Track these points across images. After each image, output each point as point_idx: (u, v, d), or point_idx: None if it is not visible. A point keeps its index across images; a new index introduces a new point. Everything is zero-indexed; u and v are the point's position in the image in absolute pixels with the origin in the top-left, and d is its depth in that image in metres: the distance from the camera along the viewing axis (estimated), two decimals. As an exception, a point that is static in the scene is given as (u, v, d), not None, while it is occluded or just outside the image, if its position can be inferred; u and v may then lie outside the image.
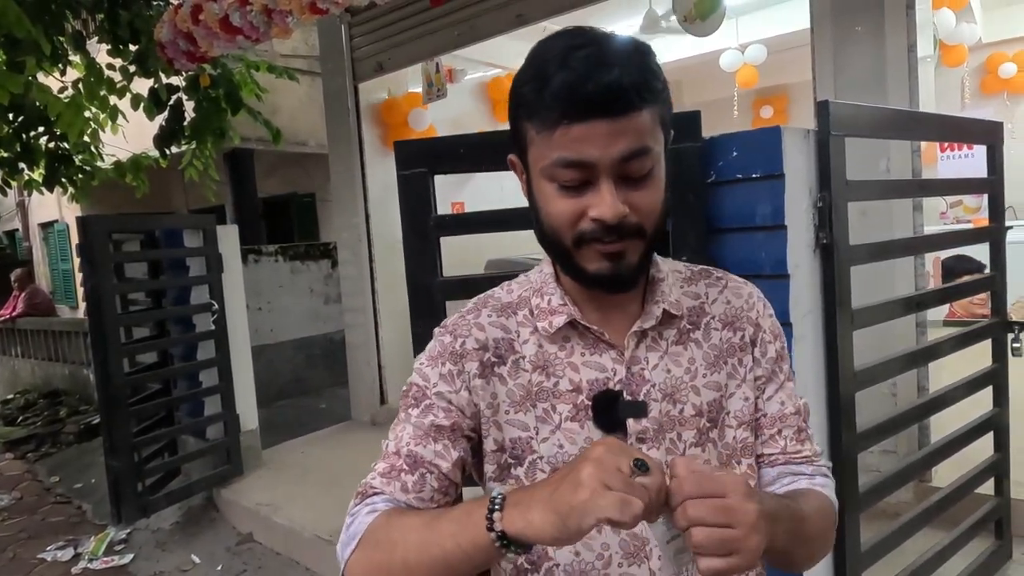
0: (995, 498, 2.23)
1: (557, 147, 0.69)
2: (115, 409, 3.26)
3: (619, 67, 0.67)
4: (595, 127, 0.67)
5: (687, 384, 0.80)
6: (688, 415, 0.79)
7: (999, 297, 2.14)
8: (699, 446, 0.79)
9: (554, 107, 0.68)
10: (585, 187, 0.70)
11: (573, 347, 0.80)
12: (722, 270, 0.90)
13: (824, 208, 1.52)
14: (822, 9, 2.66)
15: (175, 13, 3.69)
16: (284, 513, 3.28)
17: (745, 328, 0.84)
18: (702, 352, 0.82)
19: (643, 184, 0.71)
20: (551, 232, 0.74)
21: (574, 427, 0.77)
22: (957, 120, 2.17)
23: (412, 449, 0.78)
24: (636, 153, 0.69)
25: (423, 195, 1.55)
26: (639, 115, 0.68)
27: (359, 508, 0.78)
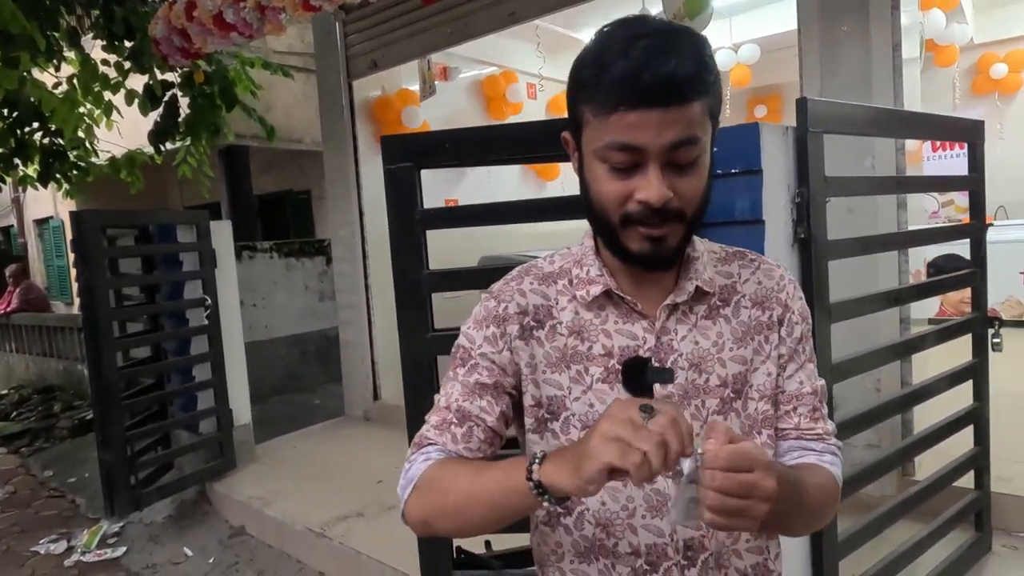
0: (975, 491, 2.26)
1: (612, 131, 0.74)
2: (108, 403, 3.29)
3: (676, 59, 0.71)
4: (649, 115, 0.71)
5: (714, 356, 0.85)
6: (713, 385, 0.84)
7: (979, 293, 2.17)
8: (721, 414, 0.84)
9: (612, 92, 0.72)
10: (634, 170, 0.75)
11: (608, 315, 0.86)
12: (756, 253, 0.95)
13: (802, 203, 1.55)
14: (809, 10, 2.69)
15: (169, 9, 3.71)
16: (276, 506, 3.31)
17: (774, 308, 0.89)
18: (730, 327, 0.87)
19: (688, 171, 0.76)
20: (599, 210, 0.80)
21: (604, 388, 0.84)
22: (938, 119, 2.21)
23: (461, 404, 0.87)
24: (685, 142, 0.73)
25: (409, 189, 1.58)
26: (691, 106, 0.73)
27: (415, 456, 0.86)
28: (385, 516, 3.02)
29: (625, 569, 0.84)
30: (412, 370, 1.65)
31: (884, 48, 2.53)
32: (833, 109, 1.59)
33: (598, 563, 0.85)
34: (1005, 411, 3.36)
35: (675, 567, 0.83)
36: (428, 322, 1.63)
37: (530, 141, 1.53)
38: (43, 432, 5.58)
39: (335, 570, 2.90)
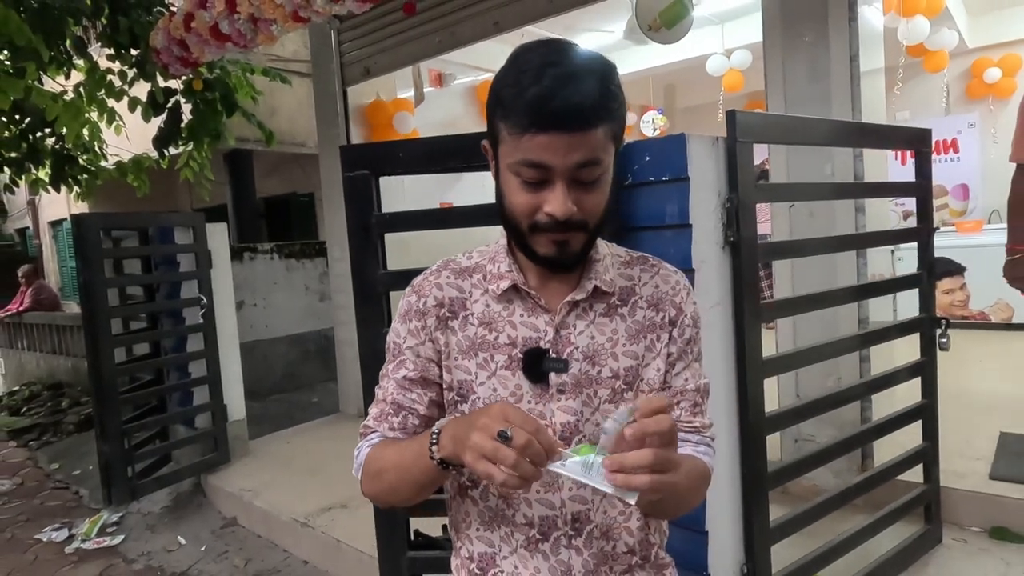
0: (924, 485, 2.35)
1: (524, 150, 0.83)
2: (107, 397, 3.44)
3: (583, 89, 0.80)
4: (556, 138, 0.80)
5: (607, 350, 0.94)
6: (605, 376, 0.93)
7: (926, 295, 2.25)
8: (612, 403, 0.94)
9: (525, 115, 0.81)
10: (543, 185, 0.84)
11: (515, 308, 0.95)
12: (658, 259, 1.04)
13: (732, 208, 1.65)
14: (772, 19, 2.79)
15: (169, 20, 3.88)
16: (264, 498, 3.44)
17: (667, 310, 0.98)
18: (625, 325, 0.96)
19: (591, 189, 0.85)
20: (511, 217, 0.89)
21: (507, 375, 0.93)
22: (879, 128, 2.29)
23: (395, 398, 0.99)
24: (588, 163, 0.83)
25: (366, 195, 1.70)
26: (594, 132, 0.81)
27: (361, 444, 1.01)
28: (367, 507, 3.06)
29: (521, 537, 0.94)
30: (370, 361, 1.77)
31: (842, 58, 2.62)
32: (761, 120, 1.69)
33: (499, 531, 0.96)
34: (976, 411, 3.44)
35: (563, 536, 0.93)
36: (384, 317, 1.75)
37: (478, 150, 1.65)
38: (51, 427, 5.77)
39: (318, 558, 3.02)
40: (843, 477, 2.68)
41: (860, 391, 2.15)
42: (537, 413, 0.92)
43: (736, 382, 1.69)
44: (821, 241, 2.04)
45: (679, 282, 1.01)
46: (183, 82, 4.89)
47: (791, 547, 1.91)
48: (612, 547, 0.95)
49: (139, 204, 7.46)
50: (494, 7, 3.68)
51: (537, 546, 0.94)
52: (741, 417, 1.70)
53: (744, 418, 1.70)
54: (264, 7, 3.28)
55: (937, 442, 2.36)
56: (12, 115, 4.92)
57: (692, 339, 1.00)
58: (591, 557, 0.93)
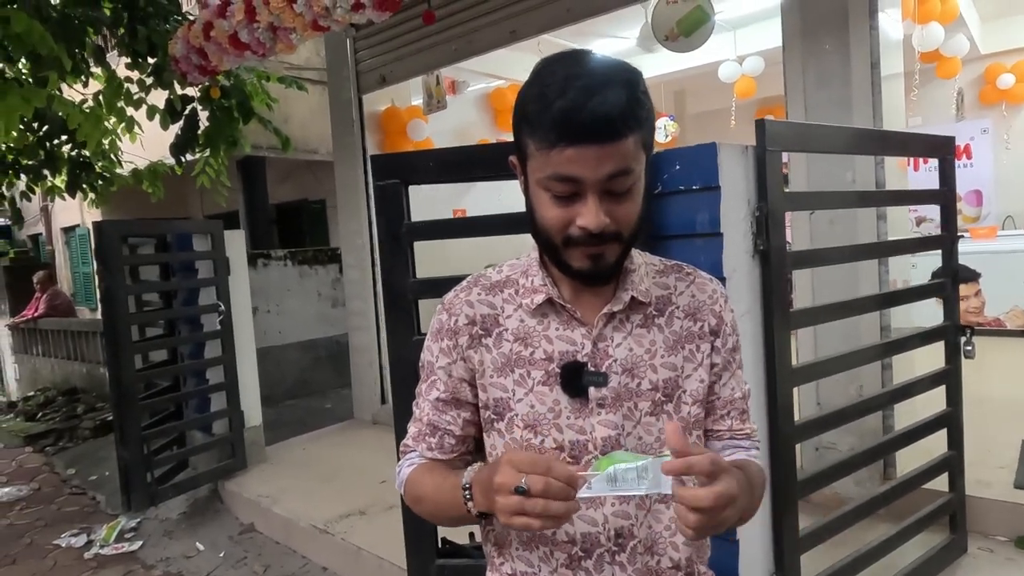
0: (949, 494, 2.33)
1: (553, 164, 0.81)
2: (126, 403, 3.46)
3: (610, 98, 0.78)
4: (586, 150, 0.79)
5: (646, 362, 0.92)
6: (644, 388, 0.92)
7: (950, 303, 2.25)
8: (653, 415, 0.92)
9: (552, 130, 0.79)
10: (574, 198, 0.83)
11: (550, 322, 0.93)
12: (693, 267, 1.02)
13: (761, 217, 1.66)
14: (792, 27, 2.79)
15: (188, 29, 3.91)
16: (283, 504, 3.45)
17: (707, 319, 0.97)
18: (663, 336, 0.94)
19: (624, 199, 0.84)
20: (544, 232, 0.88)
21: (544, 390, 0.91)
22: (904, 135, 2.29)
23: (431, 418, 0.99)
24: (620, 173, 0.81)
25: (396, 204, 1.72)
26: (624, 142, 0.80)
27: (401, 463, 1.02)
28: (385, 514, 3.15)
29: (562, 555, 0.92)
30: (400, 371, 1.78)
31: (863, 65, 2.63)
32: (790, 129, 1.70)
33: (539, 550, 0.94)
34: (998, 419, 3.42)
35: (607, 552, 0.92)
36: (414, 326, 1.76)
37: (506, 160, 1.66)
38: (67, 432, 5.80)
39: (337, 565, 3.03)
40: (865, 485, 2.68)
41: (886, 400, 2.15)
42: (577, 428, 0.91)
43: (766, 390, 1.69)
44: (848, 249, 2.04)
45: (716, 290, 1.00)
46: (200, 89, 4.93)
47: (817, 556, 1.90)
48: (657, 563, 0.93)
49: (151, 210, 7.51)
50: (512, 16, 3.70)
51: (580, 564, 0.92)
52: (771, 426, 1.70)
53: (774, 427, 1.70)
54: (284, 16, 3.30)
55: (962, 451, 2.35)
56: (30, 123, 4.98)
57: (735, 347, 1.01)
58: (635, 573, 0.92)
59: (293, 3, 3.21)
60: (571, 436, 0.91)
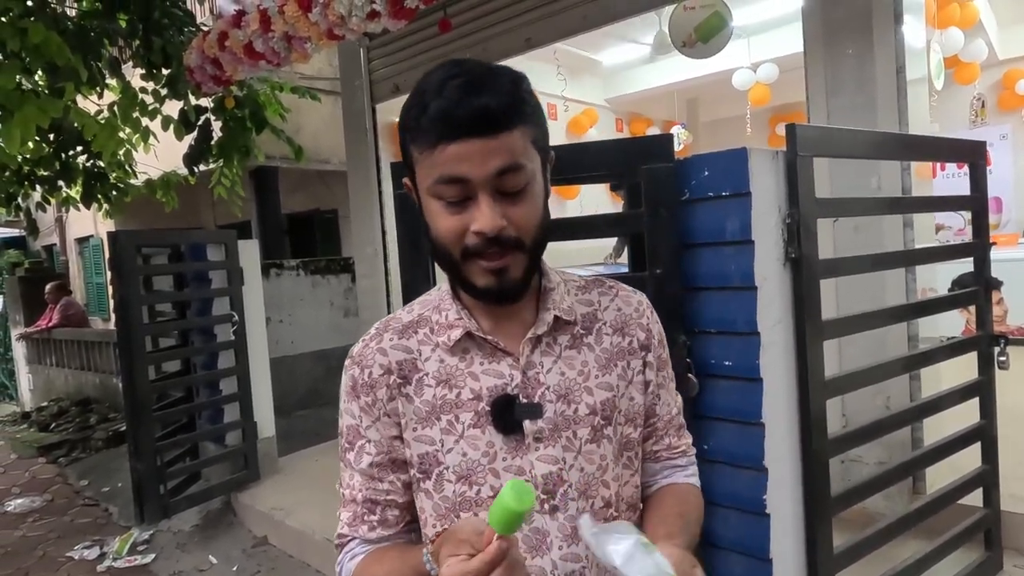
0: (984, 509, 2.26)
1: (437, 166, 0.75)
2: (140, 414, 3.44)
3: (488, 93, 0.74)
4: (469, 145, 0.74)
5: (580, 385, 0.86)
6: (583, 414, 0.85)
7: (983, 312, 2.18)
8: (594, 442, 0.86)
9: (432, 130, 0.75)
10: (466, 204, 0.76)
11: (472, 358, 0.85)
12: (613, 280, 0.98)
13: (793, 224, 1.61)
14: (814, 32, 2.75)
15: (203, 39, 3.92)
16: (296, 517, 3.41)
17: (635, 333, 0.92)
18: (594, 355, 0.89)
19: (519, 199, 0.78)
20: (441, 247, 0.81)
21: (476, 433, 0.83)
22: (935, 140, 2.24)
23: (365, 495, 0.88)
24: (509, 168, 0.75)
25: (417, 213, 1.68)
26: (510, 135, 0.75)
27: (342, 559, 0.89)
28: None
29: None
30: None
31: (888, 70, 2.58)
32: (822, 134, 1.65)
33: None
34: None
35: None
36: (434, 337, 1.72)
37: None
38: (80, 443, 5.79)
39: (352, 579, 2.98)
40: (894, 500, 2.60)
41: (917, 413, 2.08)
42: (516, 469, 0.83)
43: (798, 404, 1.63)
44: (881, 257, 1.99)
45: (641, 302, 0.95)
46: (214, 100, 4.94)
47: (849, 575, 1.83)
48: None
49: (164, 220, 7.54)
50: (527, 23, 3.68)
51: None
52: (803, 441, 1.64)
53: (807, 441, 1.64)
54: (298, 25, 3.30)
55: (997, 465, 2.28)
56: (46, 134, 5.01)
57: (666, 360, 0.97)
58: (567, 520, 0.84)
59: (308, 12, 3.21)
60: (509, 479, 0.82)
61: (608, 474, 0.87)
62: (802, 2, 2.78)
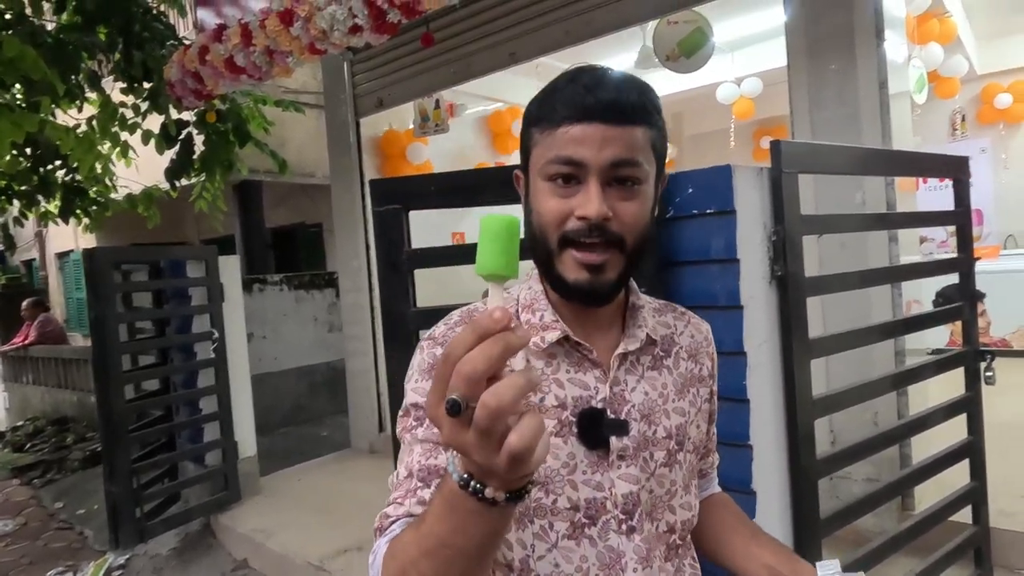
0: (973, 527, 2.23)
1: (556, 146, 0.76)
2: (115, 436, 3.35)
3: (619, 88, 0.76)
4: (592, 129, 0.74)
5: (660, 407, 0.86)
6: (660, 436, 0.85)
7: (969, 326, 2.17)
8: (667, 467, 0.85)
9: (558, 110, 0.76)
10: (576, 188, 0.76)
11: (559, 364, 0.83)
12: (682, 306, 0.98)
13: (779, 242, 1.58)
14: (797, 47, 2.76)
15: (184, 53, 3.87)
16: (277, 539, 3.33)
17: (704, 362, 0.93)
18: (672, 378, 0.88)
19: (629, 196, 0.77)
20: (539, 231, 0.79)
21: (558, 442, 0.80)
22: (919, 156, 2.23)
23: (424, 463, 0.75)
24: (626, 162, 0.75)
25: (397, 230, 1.64)
26: (633, 129, 0.76)
27: (378, 543, 0.74)
28: None
29: (564, 525, 0.80)
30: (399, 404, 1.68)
31: (871, 84, 2.58)
32: (807, 150, 1.64)
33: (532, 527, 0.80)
34: (1013, 444, 3.33)
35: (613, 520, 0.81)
36: (415, 358, 1.67)
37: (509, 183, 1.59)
38: (55, 463, 5.65)
39: (334, 604, 2.90)
40: (883, 517, 2.57)
41: (906, 431, 2.06)
42: (594, 484, 0.81)
43: (786, 424, 1.60)
44: (868, 274, 1.97)
45: (708, 331, 0.97)
46: (196, 114, 4.88)
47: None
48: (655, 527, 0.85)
49: (147, 235, 7.42)
50: (510, 38, 3.67)
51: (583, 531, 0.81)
52: (792, 460, 1.61)
53: (795, 462, 1.60)
54: (280, 39, 3.26)
55: (985, 481, 2.25)
56: (24, 148, 4.92)
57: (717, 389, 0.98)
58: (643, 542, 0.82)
59: (289, 27, 3.18)
60: (587, 493, 0.81)
61: (676, 500, 0.87)
62: (785, 18, 2.79)
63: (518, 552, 0.80)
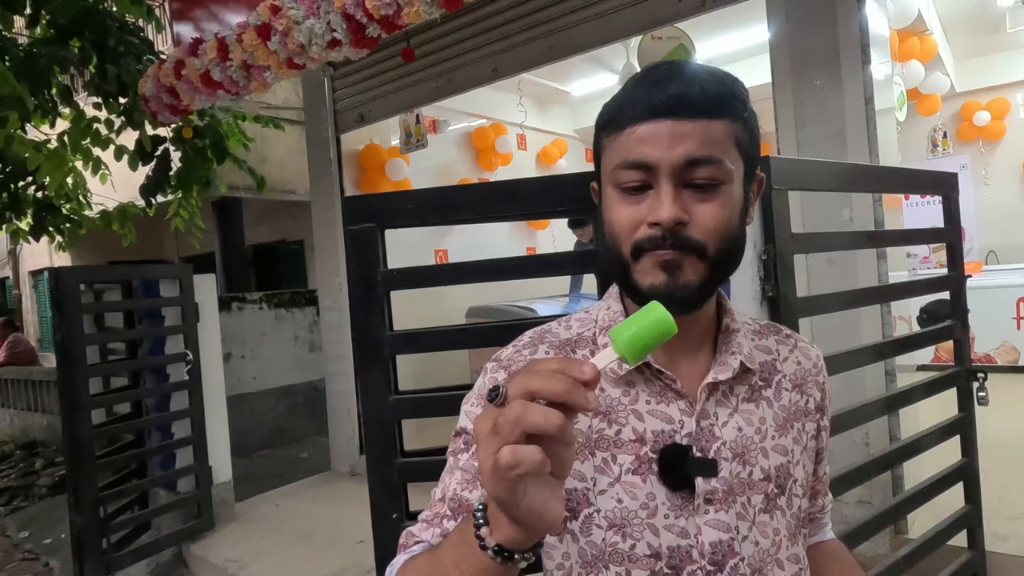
0: (969, 551, 2.18)
1: (624, 149, 0.69)
2: (81, 462, 3.20)
3: (693, 80, 0.68)
4: (659, 126, 0.67)
5: (757, 445, 0.75)
6: (756, 479, 0.75)
7: (961, 346, 2.13)
8: (767, 512, 0.75)
9: (625, 111, 0.69)
10: (647, 193, 0.69)
11: (638, 393, 0.75)
12: (788, 328, 0.88)
13: (769, 261, 1.53)
14: (781, 64, 2.73)
15: (159, 68, 3.79)
16: (252, 570, 3.19)
17: (812, 393, 0.83)
18: (772, 412, 0.78)
19: (709, 197, 0.68)
20: (612, 243, 0.72)
21: (635, 480, 0.72)
22: (909, 172, 2.20)
23: (458, 493, 0.74)
24: (701, 160, 0.67)
25: (371, 249, 1.56)
26: (708, 123, 0.67)
27: (398, 558, 0.74)
28: None
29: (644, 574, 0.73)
30: (374, 432, 1.60)
31: (857, 101, 2.56)
32: (796, 167, 1.59)
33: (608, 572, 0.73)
34: (1003, 463, 3.29)
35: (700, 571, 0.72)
36: (391, 384, 1.59)
37: (490, 201, 1.53)
38: (22, 490, 5.44)
39: (309, 639, 2.78)
40: (876, 542, 2.51)
41: (899, 455, 2.00)
42: (678, 530, 0.72)
43: (780, 450, 1.53)
44: (859, 293, 1.92)
45: (819, 356, 0.86)
46: (172, 130, 4.78)
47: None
48: None
49: (124, 253, 7.27)
50: (493, 53, 3.62)
51: None
52: (786, 489, 1.54)
53: (790, 490, 1.54)
54: (257, 54, 3.19)
55: (980, 505, 2.20)
56: (-8, 165, 4.79)
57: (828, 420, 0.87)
58: None
59: (267, 41, 3.11)
60: (670, 540, 0.71)
61: (783, 552, 0.75)
62: (769, 35, 2.76)
63: None
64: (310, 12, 2.93)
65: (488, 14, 3.60)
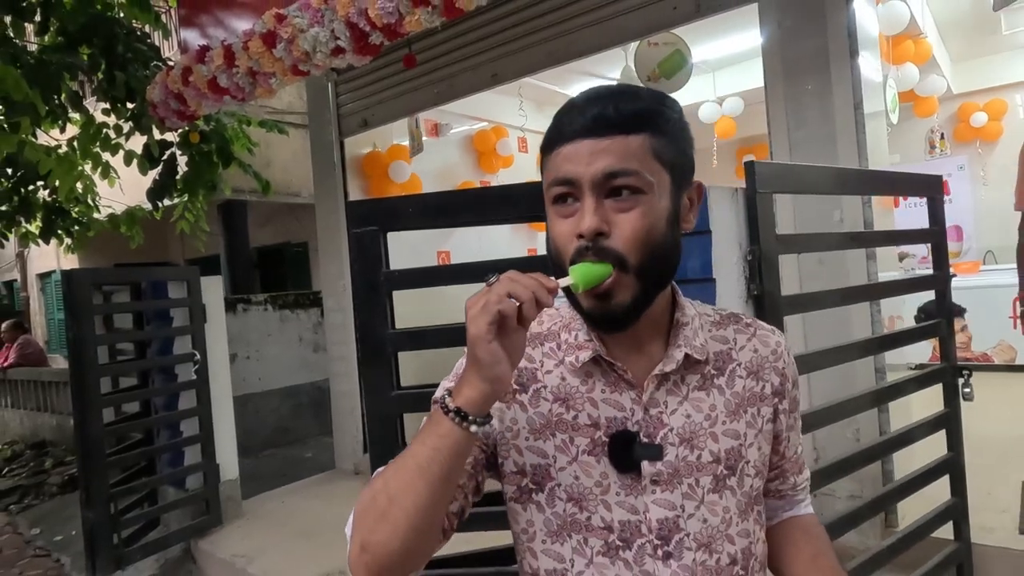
0: (955, 543, 2.24)
1: (553, 168, 0.77)
2: (92, 461, 3.29)
3: (614, 100, 0.74)
4: (580, 146, 0.74)
5: (706, 430, 0.82)
6: (705, 461, 0.81)
7: (947, 344, 2.19)
8: (716, 492, 0.81)
9: (553, 135, 0.77)
10: (575, 208, 0.76)
11: (594, 383, 0.82)
12: (751, 317, 0.93)
13: (754, 261, 1.60)
14: (774, 69, 2.80)
15: (167, 74, 3.87)
16: (258, 564, 3.27)
17: (770, 379, 0.87)
18: (724, 399, 0.84)
19: (629, 207, 0.74)
20: (555, 257, 0.79)
21: (590, 460, 0.81)
22: (894, 175, 2.27)
23: None
24: (618, 172, 0.73)
25: (374, 252, 1.64)
26: (625, 138, 0.73)
27: None
28: None
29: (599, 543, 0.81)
30: (377, 426, 1.67)
31: (846, 105, 2.62)
32: (780, 171, 1.66)
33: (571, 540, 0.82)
34: (996, 459, 3.35)
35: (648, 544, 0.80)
36: (393, 381, 1.66)
37: (489, 204, 1.60)
38: (33, 489, 5.54)
39: (315, 631, 2.85)
40: (866, 534, 2.57)
41: (887, 448, 2.07)
42: (628, 507, 0.80)
43: (765, 442, 1.60)
44: (845, 291, 1.99)
45: (780, 343, 0.91)
46: (179, 134, 4.87)
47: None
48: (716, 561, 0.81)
49: (131, 255, 7.38)
50: (493, 59, 3.70)
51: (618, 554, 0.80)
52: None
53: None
54: (263, 61, 3.27)
55: (966, 497, 2.26)
56: (3, 169, 4.88)
57: (797, 401, 0.93)
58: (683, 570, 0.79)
59: (272, 48, 3.19)
60: (621, 515, 0.80)
61: (733, 528, 0.82)
62: (762, 41, 2.83)
63: (554, 564, 0.82)
64: (314, 20, 3.01)
65: (487, 21, 3.67)
